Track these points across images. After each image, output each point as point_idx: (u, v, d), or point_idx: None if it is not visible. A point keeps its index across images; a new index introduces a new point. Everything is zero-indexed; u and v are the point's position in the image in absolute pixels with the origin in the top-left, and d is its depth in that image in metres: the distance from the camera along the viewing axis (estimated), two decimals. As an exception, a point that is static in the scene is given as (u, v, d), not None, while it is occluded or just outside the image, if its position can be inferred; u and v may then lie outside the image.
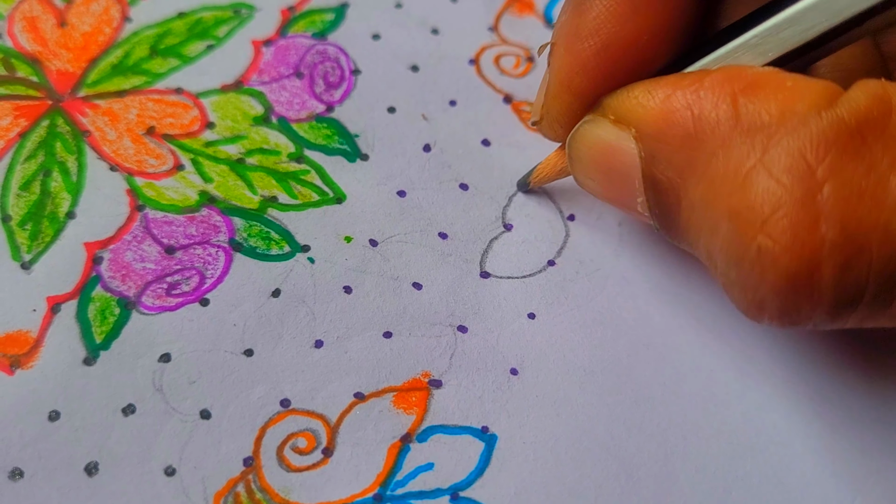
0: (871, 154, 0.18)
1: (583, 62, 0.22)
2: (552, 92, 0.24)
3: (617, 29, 0.22)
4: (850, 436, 0.24)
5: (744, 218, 0.18)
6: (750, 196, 0.18)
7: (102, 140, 0.27)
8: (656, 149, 0.20)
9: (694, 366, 0.25)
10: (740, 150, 0.19)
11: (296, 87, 0.29)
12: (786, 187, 0.18)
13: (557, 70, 0.23)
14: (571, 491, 0.23)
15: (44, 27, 0.29)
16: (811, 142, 0.18)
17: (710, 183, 0.19)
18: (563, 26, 0.23)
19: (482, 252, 0.26)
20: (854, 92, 0.19)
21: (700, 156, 0.19)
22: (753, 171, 0.18)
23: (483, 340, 0.25)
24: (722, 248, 0.19)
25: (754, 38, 0.21)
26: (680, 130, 0.20)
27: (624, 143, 0.21)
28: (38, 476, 0.22)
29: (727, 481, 0.23)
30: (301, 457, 0.23)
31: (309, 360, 0.24)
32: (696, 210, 0.20)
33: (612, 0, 0.22)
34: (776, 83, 0.19)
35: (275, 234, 0.26)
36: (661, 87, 0.21)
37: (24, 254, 0.25)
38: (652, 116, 0.20)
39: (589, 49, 0.22)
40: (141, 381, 0.23)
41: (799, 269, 0.18)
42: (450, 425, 0.24)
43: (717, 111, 0.19)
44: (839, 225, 0.18)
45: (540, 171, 0.26)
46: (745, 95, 0.19)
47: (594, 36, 0.22)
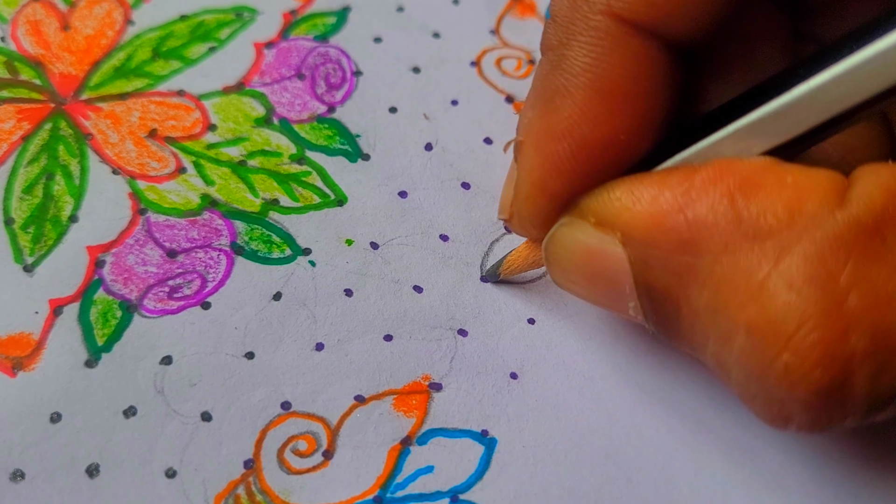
0: (892, 254, 0.17)
1: (556, 165, 0.21)
2: (523, 193, 0.22)
3: (592, 129, 0.20)
4: (849, 440, 0.24)
5: (765, 334, 0.17)
6: (769, 310, 0.17)
7: (105, 143, 0.27)
8: (648, 255, 0.19)
9: (693, 371, 0.25)
10: (749, 258, 0.18)
11: (297, 88, 0.29)
12: (809, 300, 0.17)
13: (529, 172, 0.22)
14: (571, 494, 0.23)
15: (47, 30, 0.29)
16: (829, 247, 0.17)
17: (717, 291, 0.18)
18: (531, 124, 0.21)
19: (483, 255, 0.26)
20: (864, 186, 0.17)
21: (701, 262, 0.18)
22: (769, 282, 0.17)
23: (483, 344, 0.25)
24: (739, 362, 0.18)
25: (740, 130, 0.19)
26: (674, 235, 0.19)
27: (609, 247, 0.20)
28: (40, 477, 0.22)
29: (726, 486, 0.23)
30: (301, 459, 0.23)
31: (310, 363, 0.24)
32: (701, 319, 0.19)
33: (586, 99, 0.20)
34: (776, 179, 0.18)
35: (276, 238, 0.26)
36: (647, 188, 0.19)
37: (26, 257, 0.25)
38: (640, 221, 0.19)
39: (562, 151, 0.21)
40: (142, 383, 0.23)
41: (831, 383, 0.17)
42: (450, 428, 0.24)
43: (715, 213, 0.18)
44: (869, 333, 0.17)
45: (510, 262, 0.25)
46: (743, 195, 0.18)
47: (567, 137, 0.20)
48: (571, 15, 0.21)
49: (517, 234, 0.24)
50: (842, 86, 0.18)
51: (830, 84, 0.18)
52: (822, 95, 0.18)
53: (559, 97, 0.21)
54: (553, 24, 0.21)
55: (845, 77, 0.17)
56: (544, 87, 0.21)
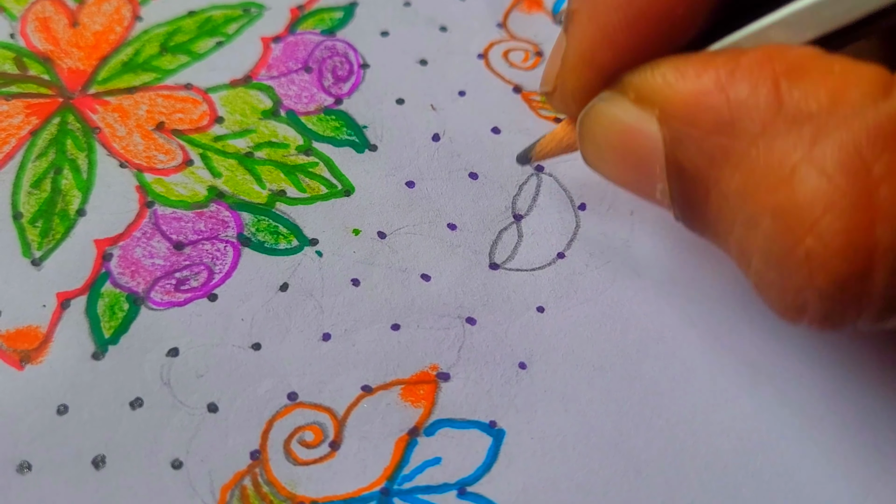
0: None
1: (609, 36, 0.20)
2: (570, 64, 0.21)
3: (650, 1, 0.20)
4: (862, 433, 0.23)
5: (791, 217, 0.17)
6: (798, 194, 0.17)
7: (112, 137, 0.27)
8: (684, 133, 0.19)
9: (704, 361, 0.24)
10: (785, 141, 0.17)
11: (304, 80, 0.29)
12: (839, 186, 0.17)
13: (579, 42, 0.21)
14: (579, 487, 0.23)
15: (56, 27, 0.29)
16: (867, 136, 0.17)
17: (749, 174, 0.18)
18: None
19: (491, 243, 0.26)
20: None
21: (736, 144, 0.18)
22: (802, 166, 0.17)
23: (492, 333, 0.25)
24: (761, 247, 0.18)
25: (793, 14, 0.19)
26: (712, 115, 0.18)
27: (645, 125, 0.19)
28: (47, 469, 0.22)
29: (737, 478, 0.23)
30: (308, 450, 0.23)
31: (316, 354, 0.24)
32: (730, 202, 0.18)
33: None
34: (823, 67, 0.17)
35: (283, 229, 0.26)
36: (692, 66, 0.19)
37: (34, 250, 0.25)
38: (681, 97, 0.19)
39: (618, 22, 0.20)
40: (149, 375, 0.23)
41: (850, 274, 0.17)
42: (458, 419, 0.23)
43: (758, 95, 0.18)
44: (895, 228, 0.16)
45: (544, 145, 0.25)
46: (788, 79, 0.17)
47: (624, 7, 0.20)
48: None
49: (556, 110, 0.24)
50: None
51: None
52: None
53: None
54: None
55: None
56: None
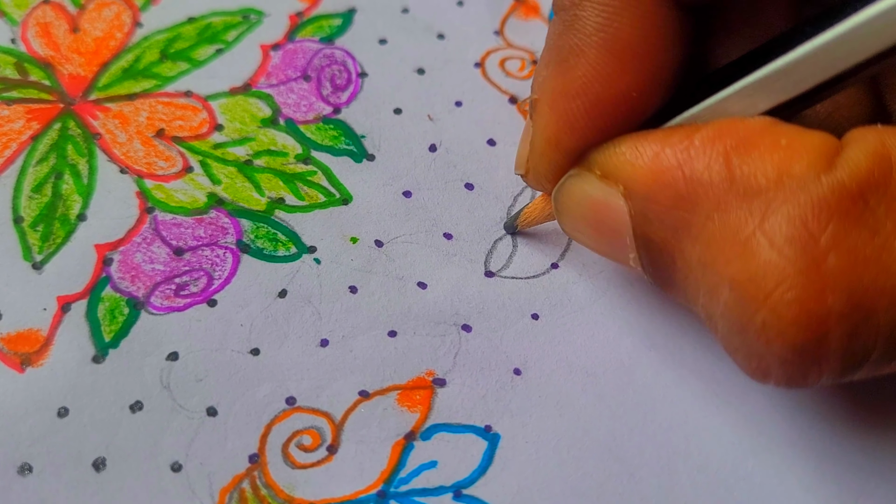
0: (874, 218, 0.18)
1: (570, 122, 0.22)
2: (538, 150, 0.23)
3: (605, 87, 0.21)
4: (853, 437, 0.24)
5: (746, 289, 0.18)
6: (751, 267, 0.18)
7: (113, 143, 0.27)
8: (647, 208, 0.20)
9: (696, 367, 0.25)
10: (737, 215, 0.18)
11: (303, 89, 0.29)
12: (788, 259, 0.18)
13: (543, 128, 0.22)
14: (573, 490, 0.23)
15: (56, 32, 0.29)
16: (812, 209, 0.18)
17: (707, 246, 0.19)
18: (545, 82, 0.22)
19: (487, 252, 0.26)
20: (852, 151, 0.18)
21: (694, 218, 0.19)
22: (753, 240, 0.18)
23: (487, 340, 0.25)
24: (724, 315, 0.19)
25: (745, 88, 0.20)
26: (671, 191, 0.19)
27: (612, 199, 0.21)
28: (47, 471, 0.22)
29: (729, 482, 0.23)
30: (306, 454, 0.23)
31: (314, 359, 0.24)
32: (694, 271, 0.19)
33: (600, 57, 0.21)
34: (770, 141, 0.19)
35: (282, 236, 0.26)
36: (650, 144, 0.20)
37: (35, 254, 0.25)
38: (641, 176, 0.20)
39: (576, 109, 0.21)
40: (149, 378, 0.24)
41: (806, 342, 0.18)
42: (453, 424, 0.24)
43: (710, 172, 0.19)
44: (846, 294, 0.17)
45: (527, 215, 0.26)
46: (738, 155, 0.19)
47: (582, 96, 0.21)
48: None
49: (533, 188, 0.25)
50: (845, 45, 0.18)
51: (834, 43, 0.18)
52: (826, 54, 0.18)
53: (573, 56, 0.21)
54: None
55: (848, 36, 0.18)
56: (558, 46, 0.22)
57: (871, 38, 0.18)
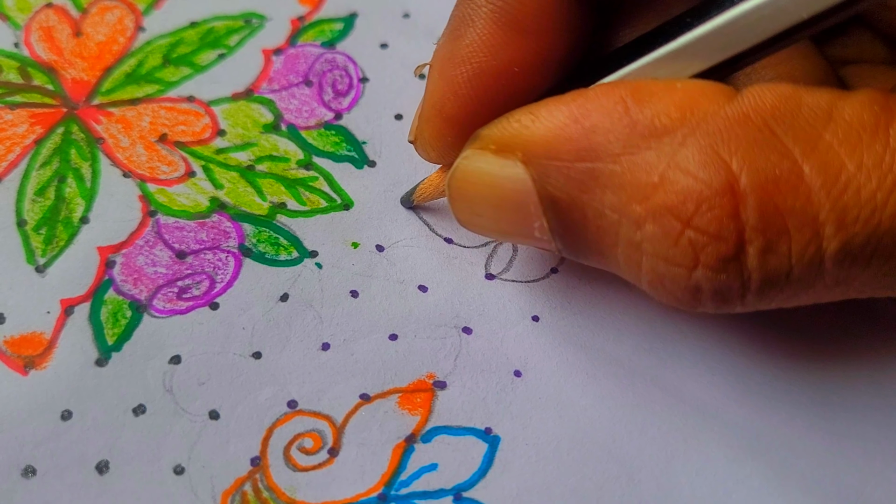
0: (781, 144, 0.18)
1: (454, 88, 0.22)
2: (425, 115, 0.23)
3: (489, 58, 0.22)
4: (851, 439, 0.24)
5: (669, 216, 0.19)
6: (671, 196, 0.19)
7: (116, 147, 0.27)
8: (549, 168, 0.20)
9: (695, 369, 0.25)
10: (647, 155, 0.19)
11: (305, 95, 0.29)
12: (704, 182, 0.18)
13: (430, 94, 0.23)
14: (573, 492, 0.23)
15: (59, 37, 0.29)
16: (720, 137, 0.19)
17: (620, 190, 0.19)
18: (438, 50, 0.23)
19: (487, 256, 0.27)
20: (755, 90, 0.19)
21: (601, 166, 0.19)
22: (668, 172, 0.19)
23: (487, 342, 0.25)
24: (648, 248, 0.19)
25: (639, 69, 0.21)
26: (572, 144, 0.20)
27: (509, 170, 0.21)
28: (51, 474, 0.22)
29: (728, 484, 0.23)
30: (307, 457, 0.23)
31: (316, 363, 0.24)
32: (608, 219, 0.20)
33: (487, 28, 0.22)
34: (666, 87, 0.19)
35: (283, 240, 0.26)
36: (544, 107, 0.20)
37: (38, 257, 0.25)
38: (539, 136, 0.20)
39: (461, 76, 0.22)
40: (151, 382, 0.24)
41: (727, 252, 0.19)
42: (454, 426, 0.24)
43: (610, 119, 0.19)
44: (758, 210, 0.18)
45: (422, 190, 0.26)
46: (635, 101, 0.19)
47: (466, 63, 0.22)
48: None
49: (421, 156, 0.25)
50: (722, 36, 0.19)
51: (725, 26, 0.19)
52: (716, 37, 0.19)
53: (464, 25, 0.22)
54: None
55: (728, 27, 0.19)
56: (454, 16, 0.23)
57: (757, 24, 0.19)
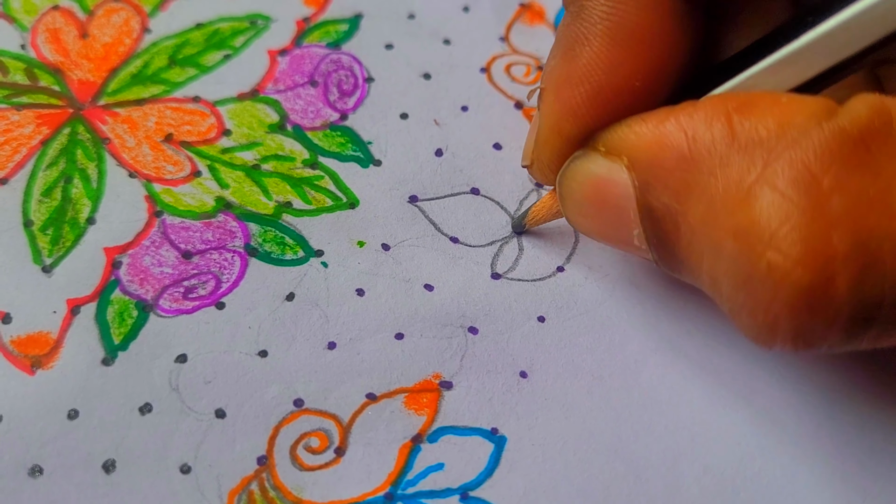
0: (876, 163, 0.18)
1: (573, 109, 0.22)
2: (542, 138, 0.23)
3: (608, 75, 0.21)
4: (859, 438, 0.24)
5: (750, 235, 0.18)
6: (754, 212, 0.18)
7: (122, 147, 0.27)
8: (650, 175, 0.20)
9: (702, 368, 0.25)
10: (739, 167, 0.18)
11: (310, 95, 0.29)
12: (792, 200, 0.18)
13: (547, 116, 0.23)
14: (580, 492, 0.23)
15: (66, 38, 0.30)
16: (814, 153, 0.18)
17: (710, 203, 0.19)
18: (552, 71, 0.23)
19: (493, 255, 0.27)
20: (853, 104, 0.18)
21: (697, 177, 0.19)
22: (756, 187, 0.18)
23: (493, 342, 0.25)
24: (727, 270, 0.19)
25: (751, 77, 0.20)
26: (674, 153, 0.19)
27: (615, 174, 0.21)
28: (58, 473, 0.22)
29: (735, 483, 0.23)
30: (314, 456, 0.23)
31: (322, 362, 0.24)
32: (697, 233, 0.19)
33: (603, 46, 0.21)
34: (771, 100, 0.19)
35: (289, 240, 0.26)
36: (653, 115, 0.20)
37: (45, 258, 0.25)
38: (644, 142, 0.20)
39: (579, 96, 0.22)
40: (158, 381, 0.24)
41: (813, 282, 0.17)
42: (460, 426, 0.24)
43: (712, 130, 0.19)
44: (851, 235, 0.17)
45: (535, 213, 0.26)
46: (739, 113, 0.19)
47: (584, 83, 0.22)
48: None
49: (537, 180, 0.25)
50: (847, 32, 0.19)
51: (837, 30, 0.19)
52: (831, 40, 0.19)
53: (578, 45, 0.22)
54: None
55: (850, 24, 0.19)
56: (565, 36, 0.22)
57: (873, 24, 0.18)
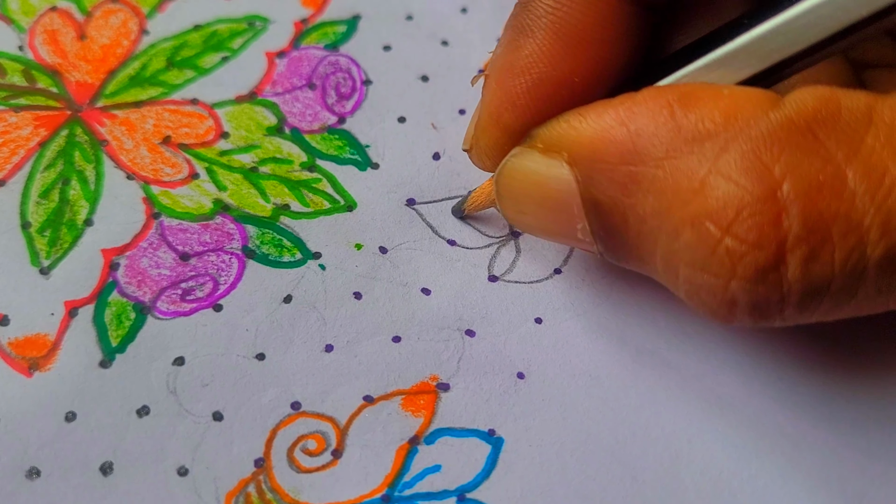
0: (824, 149, 0.18)
1: (512, 98, 0.22)
2: (481, 125, 0.23)
3: (549, 68, 0.22)
4: (856, 438, 0.24)
5: (707, 223, 0.19)
6: (710, 201, 0.19)
7: (120, 149, 0.27)
8: (593, 170, 0.20)
9: (698, 370, 0.25)
10: (689, 160, 0.19)
11: (308, 98, 0.29)
12: (745, 188, 0.18)
13: (488, 103, 0.23)
14: (577, 493, 0.23)
15: (64, 40, 0.30)
16: (764, 142, 0.18)
17: (661, 194, 0.19)
18: (496, 59, 0.23)
19: (490, 258, 0.27)
20: (798, 94, 0.19)
21: (644, 169, 0.19)
22: (710, 177, 0.19)
23: (490, 345, 0.25)
24: (684, 257, 0.19)
25: (690, 74, 0.21)
26: (617, 147, 0.20)
27: (555, 170, 0.21)
28: (55, 475, 0.22)
29: (732, 484, 0.23)
30: (311, 458, 0.23)
31: (319, 364, 0.25)
32: (648, 223, 0.20)
33: (546, 38, 0.22)
34: (712, 92, 0.19)
35: (287, 242, 0.26)
36: (592, 110, 0.20)
37: (42, 260, 0.25)
38: (585, 137, 0.20)
39: (520, 86, 0.22)
40: (155, 383, 0.24)
41: (767, 263, 0.18)
42: (457, 428, 0.24)
43: (655, 123, 0.19)
44: (801, 217, 0.18)
45: (474, 199, 0.26)
46: (681, 106, 0.19)
47: (526, 73, 0.22)
48: None
49: (476, 166, 0.25)
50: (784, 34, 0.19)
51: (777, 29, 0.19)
52: (770, 40, 0.19)
53: (522, 36, 0.22)
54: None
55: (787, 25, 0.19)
56: (512, 27, 0.23)
57: (810, 26, 0.19)
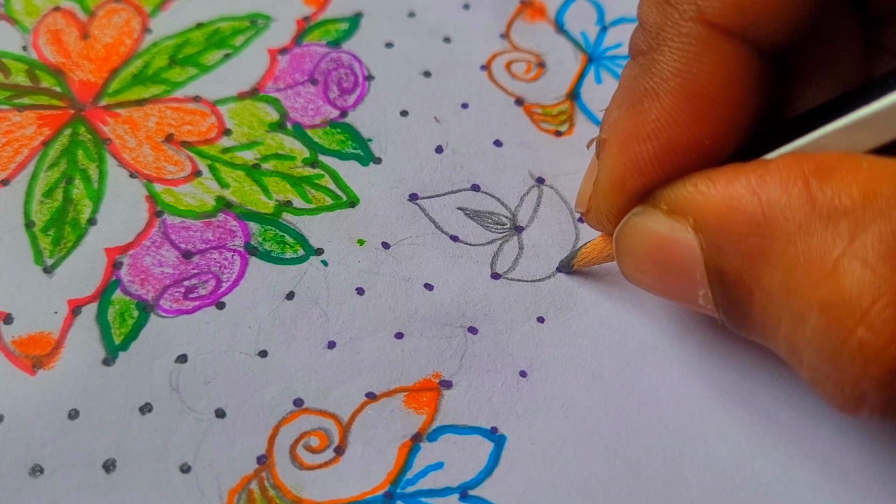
0: None
1: (639, 164, 0.21)
2: (602, 190, 0.22)
3: (678, 133, 0.21)
4: (859, 436, 0.24)
5: (839, 310, 0.17)
6: (844, 286, 0.17)
7: (123, 148, 0.28)
8: (720, 238, 0.19)
9: (701, 368, 0.25)
10: (823, 237, 0.18)
11: (310, 93, 0.29)
12: (884, 276, 0.17)
13: (610, 170, 0.22)
14: (579, 491, 0.23)
15: (67, 39, 0.30)
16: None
17: (790, 271, 0.18)
18: (616, 123, 0.22)
19: (493, 254, 0.27)
20: None
21: (774, 243, 0.19)
22: (844, 260, 0.17)
23: (493, 342, 0.25)
24: (811, 342, 0.18)
25: (825, 136, 0.20)
26: (746, 217, 0.19)
27: (680, 234, 0.20)
28: (58, 472, 0.22)
29: (735, 481, 0.23)
30: (313, 455, 0.23)
31: (322, 361, 0.25)
32: (774, 300, 0.19)
33: (675, 102, 0.21)
34: (851, 164, 0.18)
35: (289, 238, 0.26)
36: (722, 175, 0.20)
37: (46, 258, 0.26)
38: (713, 205, 0.19)
39: (647, 152, 0.21)
40: (158, 380, 0.24)
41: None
42: (460, 425, 0.24)
43: (789, 195, 0.18)
44: None
45: (585, 254, 0.26)
46: (817, 179, 0.18)
47: (653, 139, 0.21)
48: (662, 21, 0.21)
49: (592, 227, 0.25)
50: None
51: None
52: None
53: (647, 99, 0.21)
54: (642, 30, 0.22)
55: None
56: (633, 88, 0.21)
57: None
